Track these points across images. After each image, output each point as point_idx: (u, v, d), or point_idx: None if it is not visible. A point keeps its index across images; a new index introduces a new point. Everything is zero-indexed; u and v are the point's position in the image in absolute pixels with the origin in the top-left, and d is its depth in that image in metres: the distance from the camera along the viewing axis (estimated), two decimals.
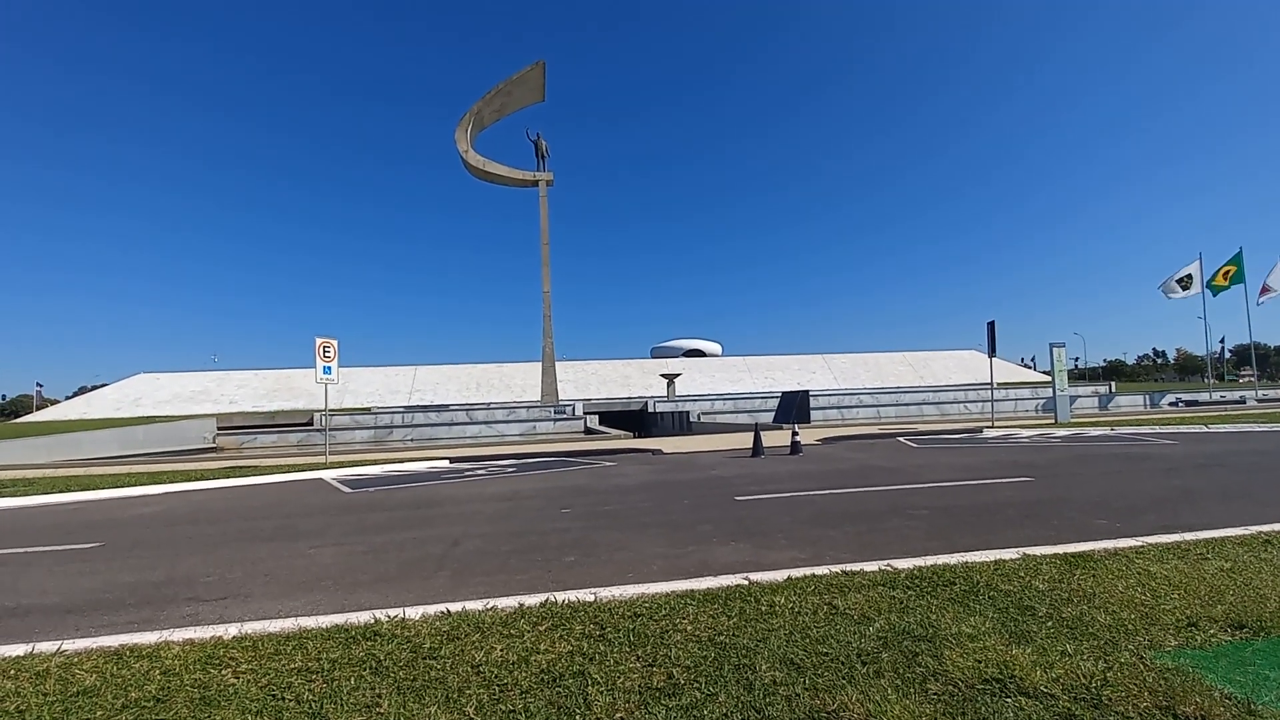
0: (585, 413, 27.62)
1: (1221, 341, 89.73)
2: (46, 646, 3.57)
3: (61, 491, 10.97)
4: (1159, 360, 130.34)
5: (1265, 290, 33.39)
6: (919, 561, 4.61)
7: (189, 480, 12.02)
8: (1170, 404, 30.71)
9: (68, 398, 71.62)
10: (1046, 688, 2.62)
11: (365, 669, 3.05)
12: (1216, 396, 31.97)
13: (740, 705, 2.57)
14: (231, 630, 3.72)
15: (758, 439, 13.84)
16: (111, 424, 29.32)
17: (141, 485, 11.43)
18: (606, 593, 4.15)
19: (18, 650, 3.52)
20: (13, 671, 3.20)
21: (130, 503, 10.12)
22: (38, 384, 70.70)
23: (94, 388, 70.63)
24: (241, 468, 14.20)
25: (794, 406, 26.01)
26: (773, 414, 28.94)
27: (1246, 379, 75.04)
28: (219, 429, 26.24)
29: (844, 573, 4.35)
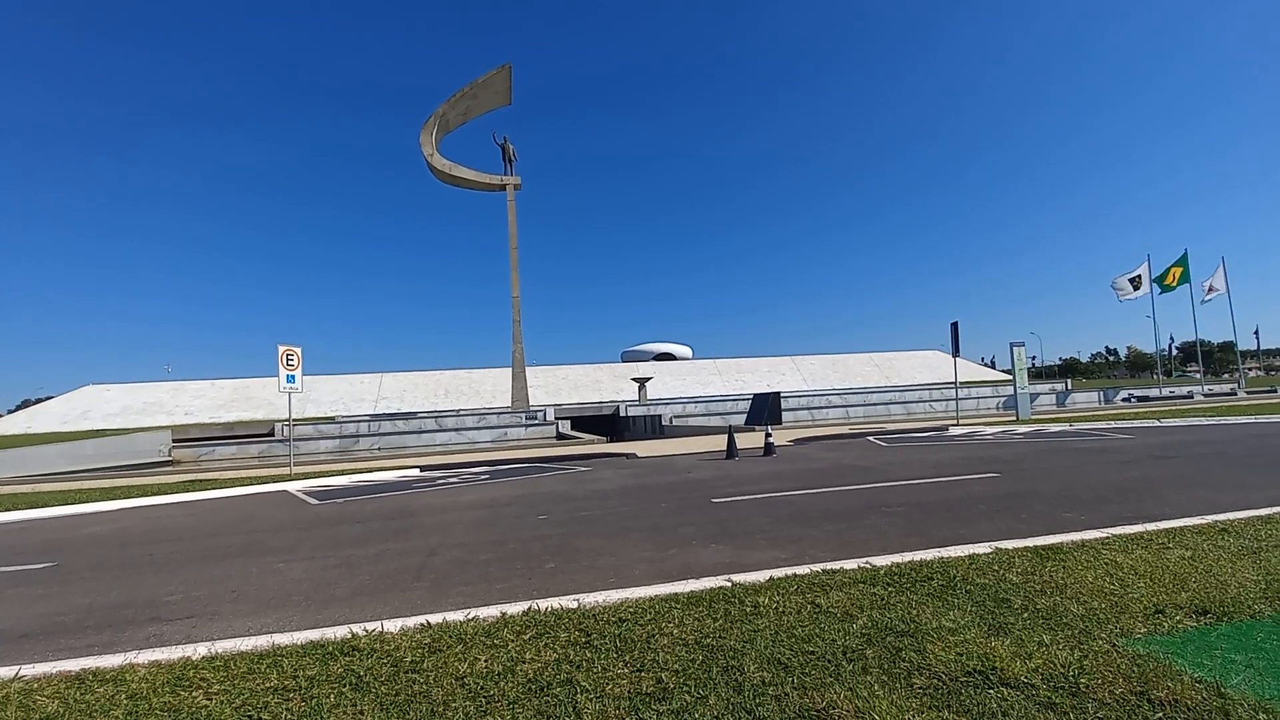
0: (557, 418, 27.42)
1: (1170, 340, 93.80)
2: (4, 672, 3.38)
3: (7, 510, 10.43)
4: (1111, 358, 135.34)
5: (1211, 290, 35.04)
6: (897, 558, 4.68)
7: (145, 495, 11.55)
8: (1124, 400, 31.93)
9: (10, 411, 68.28)
10: (1027, 678, 2.68)
11: (345, 685, 2.96)
12: (1166, 392, 33.40)
13: (731, 707, 2.56)
14: (201, 650, 3.57)
15: (731, 441, 13.92)
16: (58, 438, 28.01)
17: (94, 501, 10.95)
18: (590, 599, 4.11)
19: None
20: None
21: (83, 520, 9.67)
22: None
23: (38, 401, 67.45)
24: (201, 481, 13.70)
25: (766, 408, 26.28)
26: (745, 416, 29.19)
27: (1193, 375, 78.50)
28: (175, 441, 25.27)
29: (825, 571, 4.40)
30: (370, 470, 14.46)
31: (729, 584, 4.23)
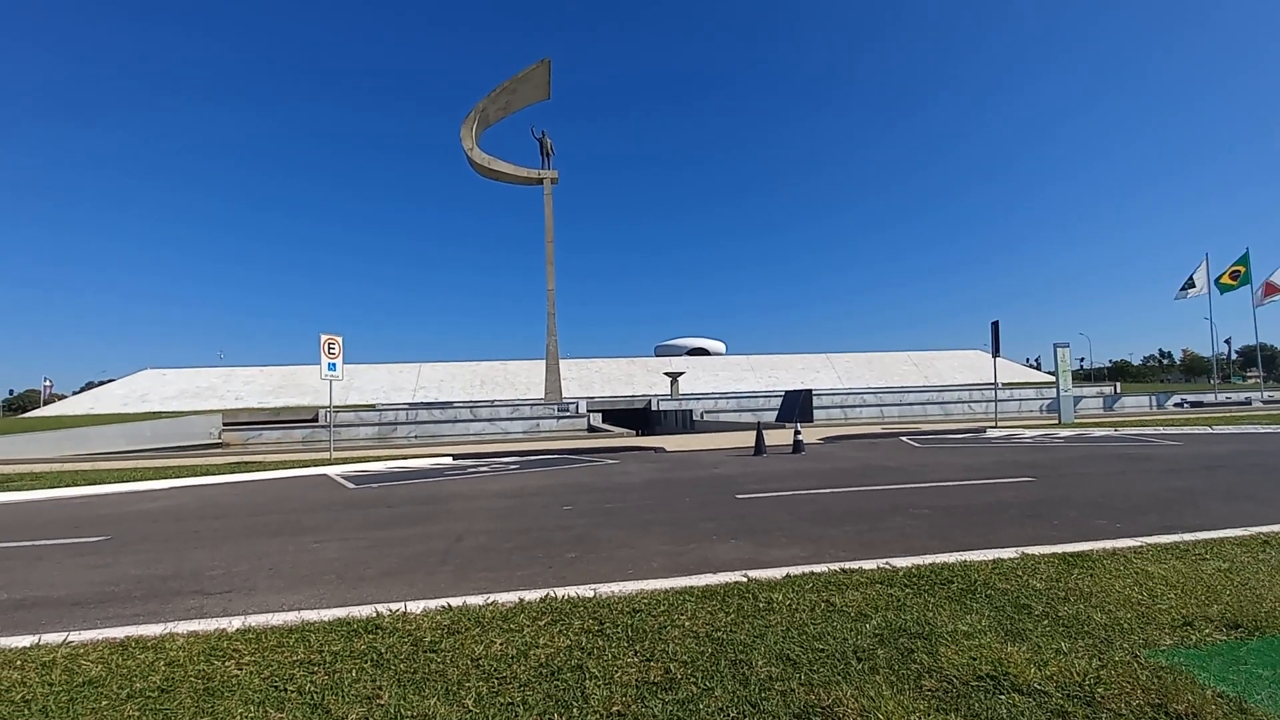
0: (589, 410, 27.68)
1: (1227, 342, 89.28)
2: (53, 638, 3.62)
3: (69, 486, 11.08)
4: (1165, 361, 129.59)
5: (1271, 289, 33.18)
6: (918, 560, 4.63)
7: (195, 475, 12.12)
8: (1175, 405, 30.58)
9: (75, 393, 72.09)
10: (1040, 685, 2.64)
11: (367, 661, 3.10)
12: (1222, 398, 31.81)
13: (736, 700, 2.59)
14: (235, 623, 3.77)
15: (760, 437, 13.85)
16: (119, 419, 29.53)
17: (148, 480, 11.53)
18: (606, 589, 4.18)
19: (24, 641, 3.57)
20: (19, 662, 3.25)
21: (137, 497, 10.21)
22: (46, 379, 71.12)
23: (101, 383, 71.02)
24: (247, 463, 14.30)
25: (797, 405, 26.02)
26: (776, 413, 28.96)
27: (1253, 380, 74.58)
28: (225, 425, 26.40)
29: (842, 570, 4.38)
30: (406, 457, 14.85)
31: (745, 579, 4.25)
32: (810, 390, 29.15)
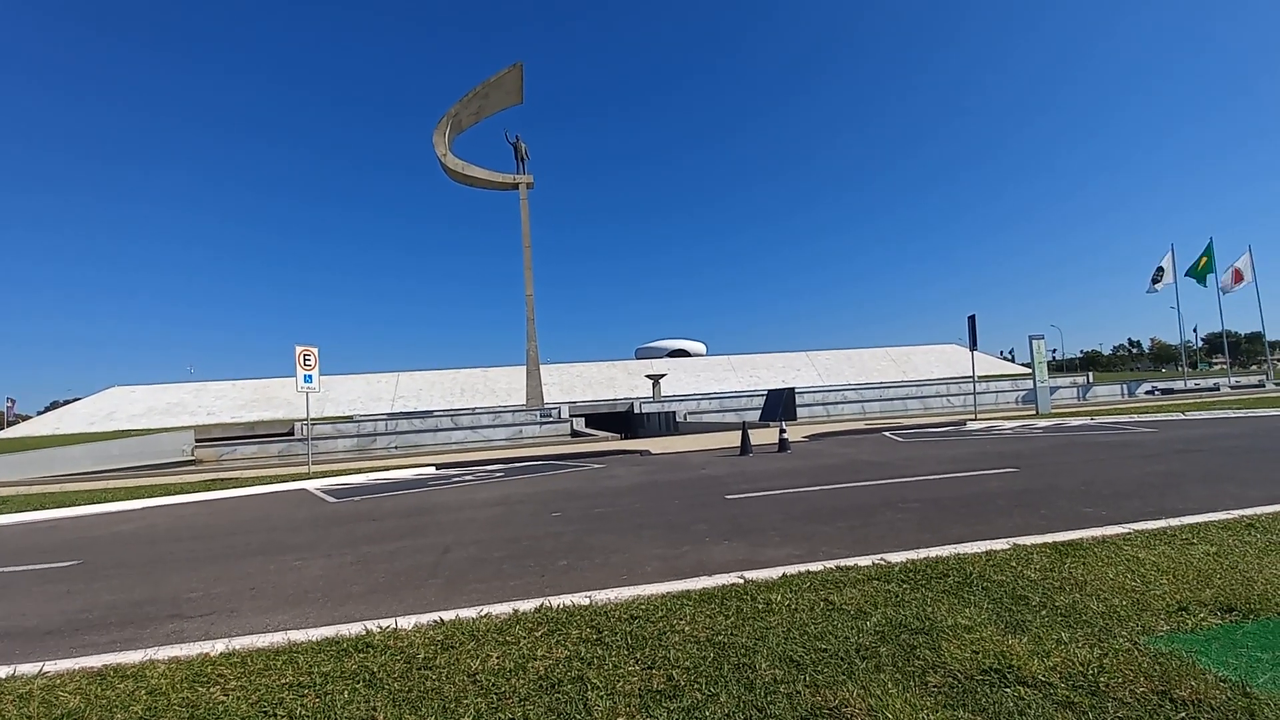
0: (571, 415, 27.51)
1: (1195, 331, 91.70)
2: (28, 668, 3.45)
3: (36, 509, 10.68)
4: (1134, 350, 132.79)
5: (1239, 276, 34.19)
6: (912, 554, 4.63)
7: (169, 494, 11.77)
8: (1147, 393, 31.33)
9: (39, 413, 69.85)
10: (1044, 676, 2.63)
11: (359, 681, 2.99)
12: (1191, 385, 32.66)
13: (742, 705, 2.55)
14: (219, 647, 3.62)
15: (745, 437, 13.86)
16: (85, 439, 28.62)
17: (119, 501, 11.17)
18: (602, 596, 4.11)
19: None
20: None
21: (109, 519, 9.87)
22: (9, 399, 68.57)
23: (66, 402, 68.97)
24: (222, 480, 13.93)
25: (780, 404, 26.14)
26: (759, 412, 29.06)
27: (1219, 367, 76.76)
28: (197, 441, 25.71)
29: (838, 568, 4.36)
30: (387, 469, 14.60)
31: (741, 581, 4.21)
32: (793, 389, 29.31)
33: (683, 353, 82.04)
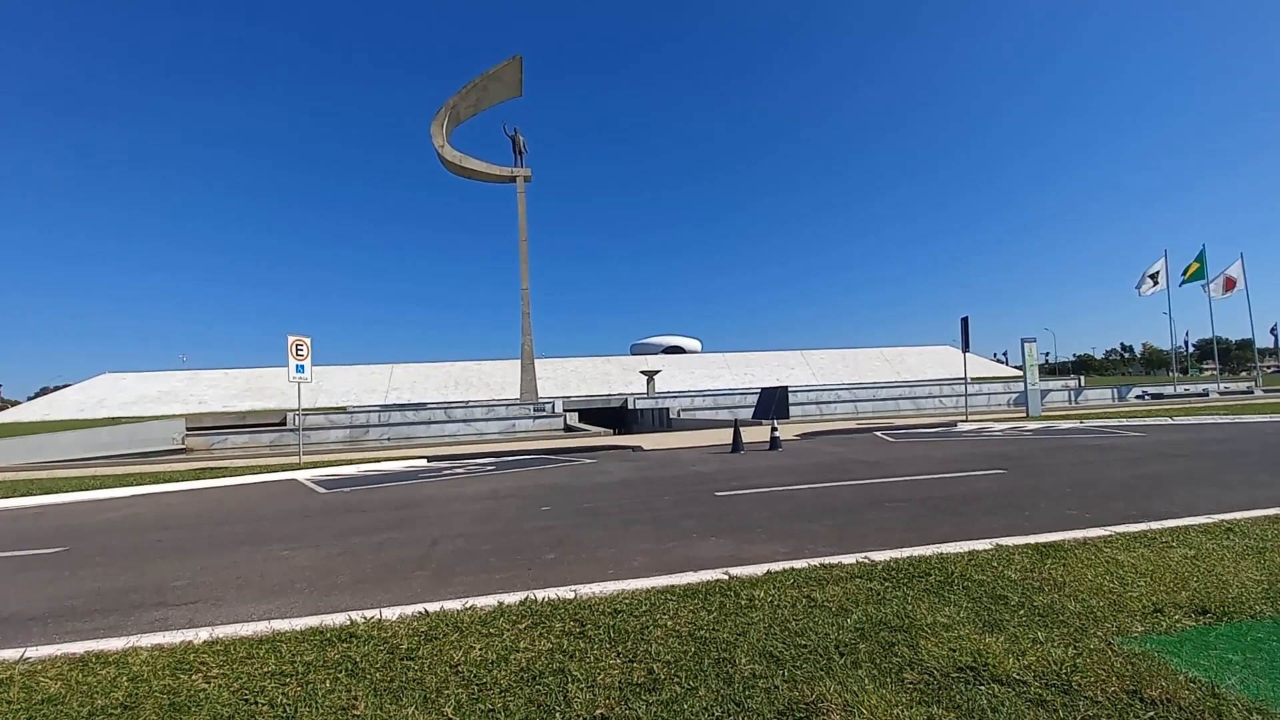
0: (565, 410, 27.54)
1: (1186, 337, 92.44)
2: (9, 654, 3.45)
3: (23, 495, 10.63)
4: (1126, 355, 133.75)
5: (1230, 283, 34.43)
6: (896, 553, 4.67)
7: (157, 482, 11.72)
8: (1137, 397, 31.57)
9: (29, 399, 69.39)
10: (1018, 674, 2.67)
11: (341, 671, 3.00)
12: (1181, 390, 32.95)
13: (720, 698, 2.57)
14: (202, 635, 3.63)
15: (737, 435, 13.90)
16: (74, 425, 28.47)
17: (108, 488, 11.13)
18: (587, 590, 4.13)
19: None
20: None
21: (96, 506, 9.84)
22: None
23: (56, 389, 68.43)
24: (212, 469, 13.89)
25: (773, 402, 26.17)
26: (752, 410, 29.11)
27: (1209, 373, 77.30)
28: (188, 430, 25.63)
29: (822, 566, 4.40)
30: (378, 460, 14.58)
31: (726, 577, 4.24)
32: (786, 387, 29.34)
33: (678, 349, 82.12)
